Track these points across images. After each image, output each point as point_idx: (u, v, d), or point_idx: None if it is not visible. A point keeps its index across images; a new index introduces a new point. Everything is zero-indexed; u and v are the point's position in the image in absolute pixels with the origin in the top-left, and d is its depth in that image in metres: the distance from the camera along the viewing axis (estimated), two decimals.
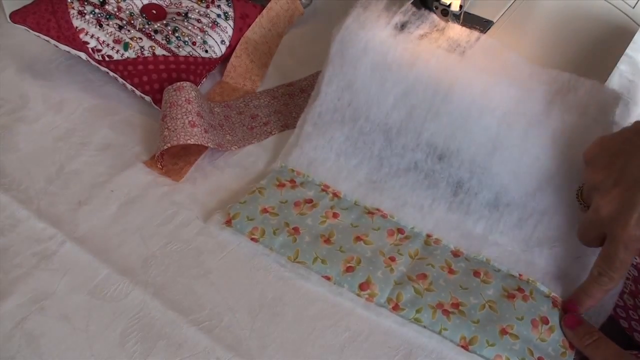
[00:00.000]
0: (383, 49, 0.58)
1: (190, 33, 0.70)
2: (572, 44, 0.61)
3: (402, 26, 0.59)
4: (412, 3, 0.62)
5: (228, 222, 0.57)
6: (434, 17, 0.61)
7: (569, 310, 0.51)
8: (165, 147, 0.60)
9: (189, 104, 0.62)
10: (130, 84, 0.66)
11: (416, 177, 0.60)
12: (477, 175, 0.57)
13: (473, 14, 0.62)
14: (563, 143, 0.54)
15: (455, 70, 0.57)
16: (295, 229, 0.56)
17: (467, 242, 0.57)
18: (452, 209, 0.59)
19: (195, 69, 0.68)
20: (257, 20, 0.73)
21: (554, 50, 0.60)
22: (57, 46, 0.68)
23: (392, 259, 0.54)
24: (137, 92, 0.66)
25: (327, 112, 0.62)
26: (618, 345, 0.47)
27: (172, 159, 0.63)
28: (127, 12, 0.70)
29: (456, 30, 0.60)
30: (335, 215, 0.58)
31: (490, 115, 0.55)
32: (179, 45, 0.68)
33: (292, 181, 0.60)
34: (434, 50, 0.58)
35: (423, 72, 0.57)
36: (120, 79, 0.67)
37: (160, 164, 0.62)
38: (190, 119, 0.61)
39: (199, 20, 0.71)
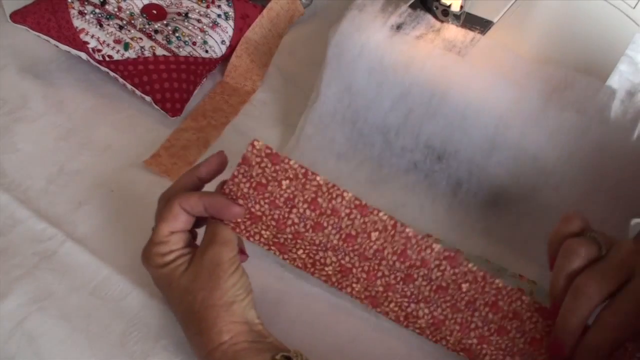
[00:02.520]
0: (379, 51, 0.58)
1: (191, 33, 0.70)
2: (572, 44, 0.61)
3: (398, 28, 0.59)
4: (410, 4, 0.62)
5: None
6: (430, 18, 0.61)
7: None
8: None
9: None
10: (131, 84, 0.66)
11: (416, 177, 0.60)
12: (476, 175, 0.57)
13: (473, 15, 0.62)
14: (561, 141, 0.54)
15: (452, 71, 0.57)
16: None
17: (467, 242, 0.57)
18: (452, 209, 0.59)
19: (196, 69, 0.68)
20: (257, 20, 0.73)
21: (554, 50, 0.59)
22: (57, 46, 0.68)
23: None
24: (138, 92, 0.66)
25: (327, 114, 0.62)
26: None
27: (172, 159, 0.63)
28: (128, 12, 0.70)
29: (452, 31, 0.60)
30: None
31: (487, 115, 0.55)
32: (180, 45, 0.68)
33: None
34: (430, 51, 0.58)
35: (419, 74, 0.57)
36: (120, 79, 0.67)
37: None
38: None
39: (199, 21, 0.71)
